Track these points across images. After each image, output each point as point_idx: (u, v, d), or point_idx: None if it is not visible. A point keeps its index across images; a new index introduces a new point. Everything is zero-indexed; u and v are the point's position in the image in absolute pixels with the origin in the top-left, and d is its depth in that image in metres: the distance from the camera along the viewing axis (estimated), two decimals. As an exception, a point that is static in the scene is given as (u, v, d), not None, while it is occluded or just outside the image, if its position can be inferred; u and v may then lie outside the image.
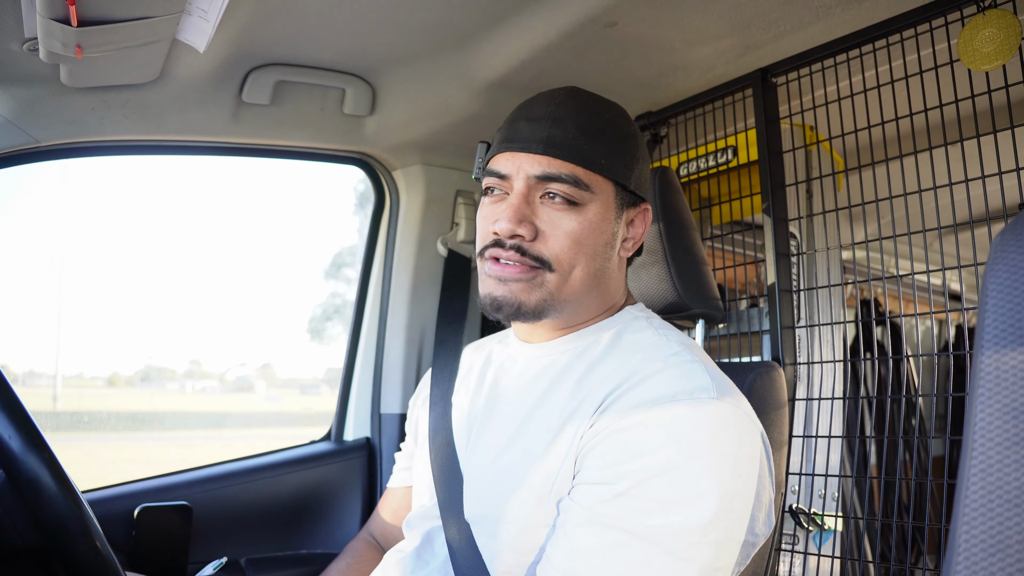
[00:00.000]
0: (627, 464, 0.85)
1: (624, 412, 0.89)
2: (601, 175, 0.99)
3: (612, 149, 1.00)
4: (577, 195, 0.97)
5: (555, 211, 0.98)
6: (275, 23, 1.27)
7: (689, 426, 0.85)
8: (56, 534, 0.93)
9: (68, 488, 0.93)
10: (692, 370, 0.91)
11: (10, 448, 0.91)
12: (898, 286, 1.38)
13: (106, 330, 5.66)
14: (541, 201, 0.98)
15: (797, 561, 1.40)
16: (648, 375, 0.91)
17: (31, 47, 1.19)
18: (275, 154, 1.79)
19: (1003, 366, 0.51)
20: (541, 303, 0.98)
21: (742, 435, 0.88)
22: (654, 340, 0.99)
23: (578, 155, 0.97)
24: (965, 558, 0.49)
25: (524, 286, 0.97)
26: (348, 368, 1.94)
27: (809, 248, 1.61)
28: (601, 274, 1.02)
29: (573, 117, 0.99)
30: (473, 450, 1.08)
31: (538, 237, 0.97)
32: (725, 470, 0.84)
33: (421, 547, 1.11)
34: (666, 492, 0.83)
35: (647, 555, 0.82)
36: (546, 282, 0.98)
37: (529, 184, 0.98)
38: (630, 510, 0.84)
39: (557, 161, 0.97)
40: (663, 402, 0.87)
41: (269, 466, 1.73)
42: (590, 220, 0.98)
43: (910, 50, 1.21)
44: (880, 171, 1.30)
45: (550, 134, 0.98)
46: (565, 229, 0.97)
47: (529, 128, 1.00)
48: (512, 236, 0.97)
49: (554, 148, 0.97)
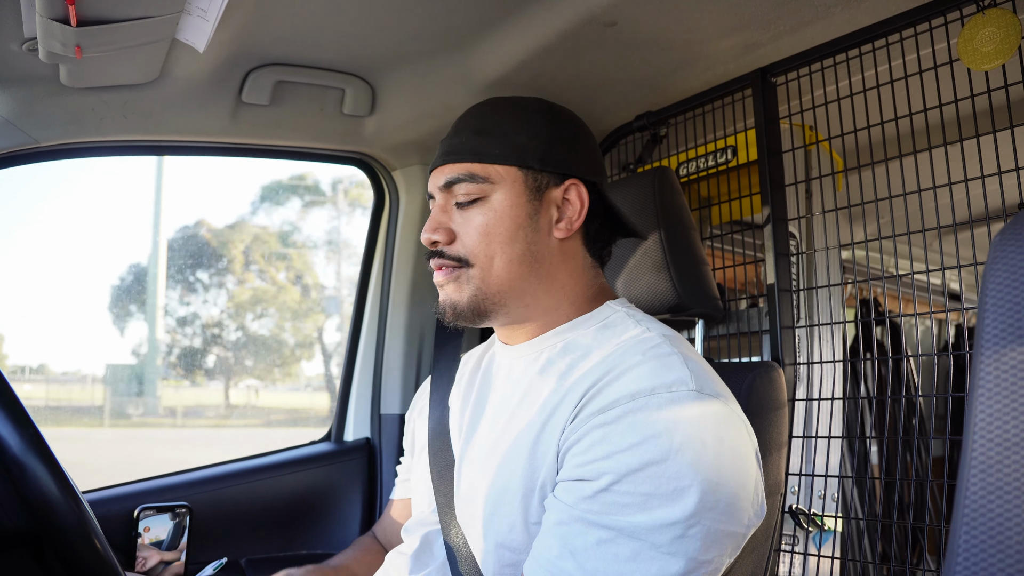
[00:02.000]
0: (607, 460, 0.86)
1: (604, 407, 0.89)
2: (498, 163, 1.04)
3: (506, 138, 1.04)
4: (476, 190, 1.03)
5: (465, 212, 1.05)
6: (275, 23, 1.27)
7: (668, 420, 0.85)
8: (56, 534, 0.93)
9: (68, 488, 0.93)
10: (671, 363, 0.91)
11: (9, 447, 0.91)
12: (898, 286, 1.38)
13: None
14: (456, 208, 1.06)
15: (797, 561, 1.40)
16: (627, 369, 0.92)
17: (30, 47, 1.19)
18: (275, 154, 1.79)
19: (1003, 366, 0.51)
20: (472, 299, 1.03)
21: (723, 426, 0.88)
22: (635, 333, 1.00)
23: (470, 153, 1.04)
24: (965, 558, 0.49)
25: (453, 287, 1.04)
26: (348, 368, 1.94)
27: (809, 248, 1.61)
28: (531, 258, 1.04)
29: (469, 123, 1.07)
30: (464, 455, 1.09)
31: (455, 239, 1.05)
32: (706, 462, 0.84)
33: (420, 550, 1.11)
34: (647, 487, 0.83)
35: (632, 550, 0.82)
36: (470, 278, 1.03)
37: (442, 195, 1.07)
38: (613, 506, 0.84)
39: (455, 165, 1.05)
40: (642, 396, 0.87)
41: (269, 467, 1.73)
42: (495, 209, 1.03)
43: (910, 50, 1.21)
44: (880, 171, 1.30)
45: (450, 145, 1.07)
46: (474, 224, 1.03)
47: (440, 146, 1.10)
48: (432, 244, 1.05)
49: (451, 155, 1.05)
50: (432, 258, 1.06)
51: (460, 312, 1.04)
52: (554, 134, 1.06)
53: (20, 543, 0.95)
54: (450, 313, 1.05)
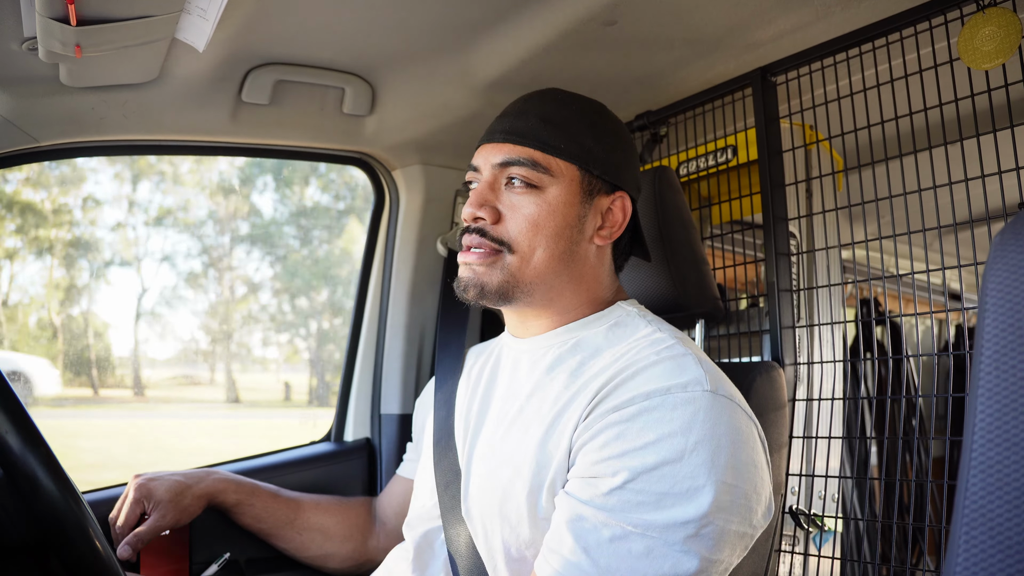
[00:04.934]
0: (623, 458, 0.86)
1: (619, 405, 0.89)
2: (561, 158, 1.03)
3: (575, 136, 1.04)
4: (535, 178, 1.02)
5: (516, 195, 1.03)
6: (274, 22, 1.27)
7: (684, 419, 0.86)
8: (56, 534, 0.93)
9: (68, 488, 0.93)
10: (686, 363, 0.91)
11: (8, 446, 0.91)
12: (898, 285, 1.38)
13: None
14: (506, 188, 1.04)
15: (797, 562, 1.40)
16: (642, 368, 0.92)
17: (30, 47, 1.18)
18: (275, 154, 1.79)
19: (1003, 366, 0.51)
20: (503, 284, 1.02)
21: (737, 427, 0.88)
22: (647, 333, 1.00)
23: (535, 140, 1.02)
24: (965, 558, 0.49)
25: (486, 269, 1.02)
26: (348, 368, 1.94)
27: (809, 247, 1.61)
28: (569, 257, 1.04)
29: (537, 108, 1.05)
30: (471, 449, 1.09)
31: (500, 220, 1.03)
32: (721, 463, 0.84)
33: (421, 547, 1.11)
34: (663, 485, 0.84)
35: (645, 547, 0.82)
36: (507, 264, 1.02)
37: (493, 172, 1.04)
38: (627, 503, 0.84)
39: (516, 147, 1.03)
40: (657, 395, 0.88)
41: (269, 467, 1.73)
42: (549, 203, 1.02)
43: (910, 49, 1.21)
44: (880, 170, 1.29)
45: (512, 124, 1.05)
46: (524, 212, 1.02)
47: (498, 123, 1.07)
48: (475, 220, 1.03)
49: (514, 135, 1.03)
50: (469, 234, 1.04)
51: (486, 293, 1.02)
52: (615, 143, 1.07)
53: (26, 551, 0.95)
54: (474, 293, 1.03)
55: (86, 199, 4.88)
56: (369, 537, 1.48)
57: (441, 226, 1.91)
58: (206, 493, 1.38)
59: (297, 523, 1.45)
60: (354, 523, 1.48)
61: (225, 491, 1.41)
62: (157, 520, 1.29)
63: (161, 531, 1.30)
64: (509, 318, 1.12)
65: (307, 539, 1.46)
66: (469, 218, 1.03)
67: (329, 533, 1.47)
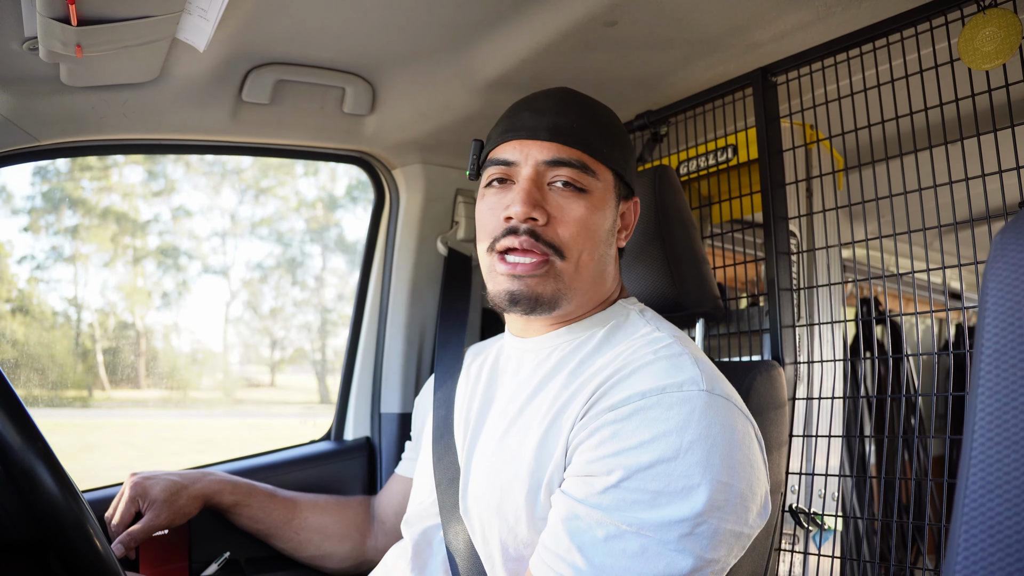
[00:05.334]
0: (618, 456, 0.86)
1: (615, 404, 0.90)
2: (604, 164, 1.02)
3: (612, 140, 1.04)
4: (584, 181, 1.00)
5: (563, 197, 0.99)
6: (275, 22, 1.27)
7: (679, 418, 0.86)
8: (55, 534, 0.93)
9: (68, 487, 0.93)
10: (682, 362, 0.92)
11: (8, 445, 0.91)
12: (898, 284, 1.39)
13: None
14: (549, 188, 1.00)
15: (797, 561, 1.40)
16: (638, 367, 0.92)
17: (31, 46, 1.19)
18: (275, 153, 1.79)
19: (1003, 365, 0.51)
20: (556, 293, 0.99)
21: (733, 426, 0.88)
22: (646, 332, 1.00)
23: (583, 142, 1.00)
24: (965, 558, 0.49)
25: (539, 279, 0.98)
26: (348, 368, 1.94)
27: (809, 246, 1.61)
28: (603, 262, 1.05)
29: (576, 109, 1.03)
30: (471, 449, 1.09)
31: (549, 222, 0.99)
32: (716, 462, 0.84)
33: (419, 545, 1.11)
34: (657, 484, 0.84)
35: (640, 546, 0.82)
36: (560, 272, 0.99)
37: (538, 170, 1.00)
38: (622, 502, 0.84)
39: (565, 147, 0.99)
40: (653, 394, 0.88)
41: (269, 466, 1.73)
42: (595, 207, 1.01)
43: (910, 49, 1.21)
44: (880, 170, 1.30)
45: (556, 122, 1.00)
46: (575, 215, 0.99)
47: (534, 118, 1.02)
48: (526, 220, 0.98)
49: (562, 135, 1.00)
50: (516, 235, 0.97)
51: (540, 304, 0.99)
52: (632, 149, 1.10)
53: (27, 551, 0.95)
54: (526, 306, 0.98)
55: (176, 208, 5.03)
56: (367, 536, 1.48)
57: (441, 225, 1.91)
58: (202, 494, 1.38)
59: (294, 523, 1.45)
60: (352, 522, 1.48)
61: (221, 492, 1.41)
62: (151, 520, 1.29)
63: (155, 531, 1.30)
64: (513, 318, 1.12)
65: (305, 539, 1.46)
66: (521, 217, 0.97)
67: (327, 533, 1.47)
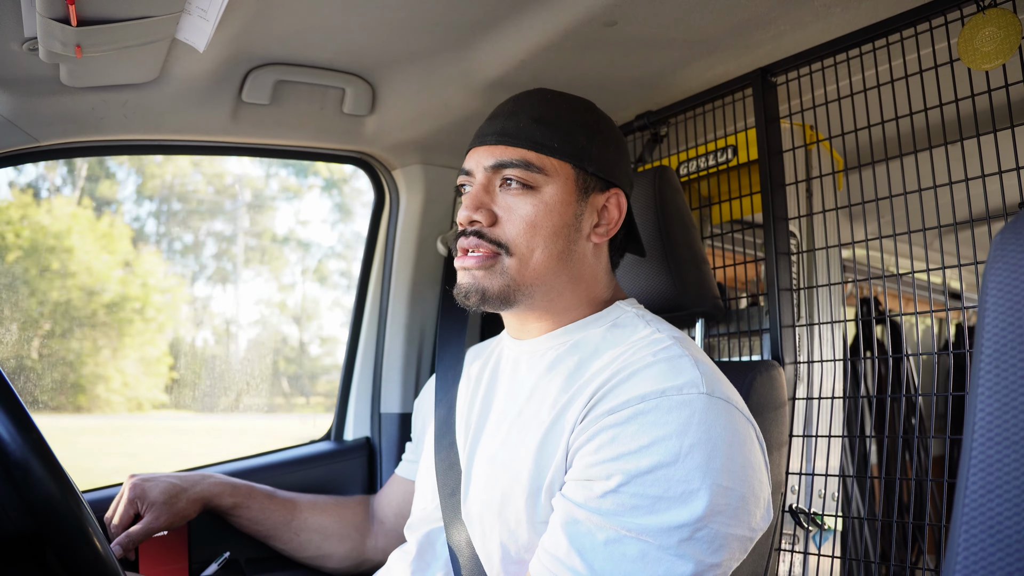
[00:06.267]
0: (617, 461, 0.86)
1: (614, 408, 0.89)
2: (555, 158, 1.02)
3: (567, 135, 1.03)
4: (530, 178, 1.01)
5: (511, 196, 1.02)
6: (275, 23, 1.27)
7: (679, 422, 0.85)
8: (55, 533, 0.93)
9: (68, 487, 0.93)
10: (682, 365, 0.91)
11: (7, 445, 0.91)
12: (898, 285, 1.39)
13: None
14: (500, 189, 1.03)
15: (797, 561, 1.40)
16: (638, 370, 0.92)
17: (31, 47, 1.19)
18: (275, 154, 1.79)
19: (1003, 365, 0.51)
20: (504, 288, 1.01)
21: (733, 429, 0.88)
22: (645, 334, 1.00)
23: (528, 140, 1.02)
24: (965, 557, 0.49)
25: (485, 273, 1.02)
26: (348, 368, 1.94)
27: (809, 247, 1.61)
28: (567, 257, 1.04)
29: (527, 109, 1.05)
30: (472, 451, 1.09)
31: (497, 222, 1.02)
32: (716, 466, 0.84)
33: (423, 548, 1.11)
34: (657, 489, 0.83)
35: (640, 551, 0.82)
36: (506, 267, 1.01)
37: (487, 174, 1.04)
38: (621, 506, 0.84)
39: (509, 148, 1.02)
40: (652, 398, 0.87)
41: (269, 466, 1.73)
42: (546, 202, 1.02)
43: (910, 49, 1.21)
44: (880, 170, 1.30)
45: (504, 126, 1.04)
46: (521, 213, 1.01)
47: (488, 125, 1.06)
48: (471, 223, 1.02)
49: (506, 137, 1.03)
50: (466, 237, 1.03)
51: (488, 298, 1.02)
52: (607, 140, 1.07)
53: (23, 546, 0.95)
54: (476, 298, 1.02)
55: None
56: (367, 536, 1.48)
57: (441, 226, 1.91)
58: (201, 497, 1.38)
59: (294, 524, 1.45)
60: (351, 522, 1.48)
61: (221, 494, 1.41)
62: (150, 522, 1.29)
63: (154, 533, 1.30)
64: (508, 320, 1.12)
65: (304, 540, 1.46)
66: (465, 221, 1.02)
67: (326, 533, 1.47)
